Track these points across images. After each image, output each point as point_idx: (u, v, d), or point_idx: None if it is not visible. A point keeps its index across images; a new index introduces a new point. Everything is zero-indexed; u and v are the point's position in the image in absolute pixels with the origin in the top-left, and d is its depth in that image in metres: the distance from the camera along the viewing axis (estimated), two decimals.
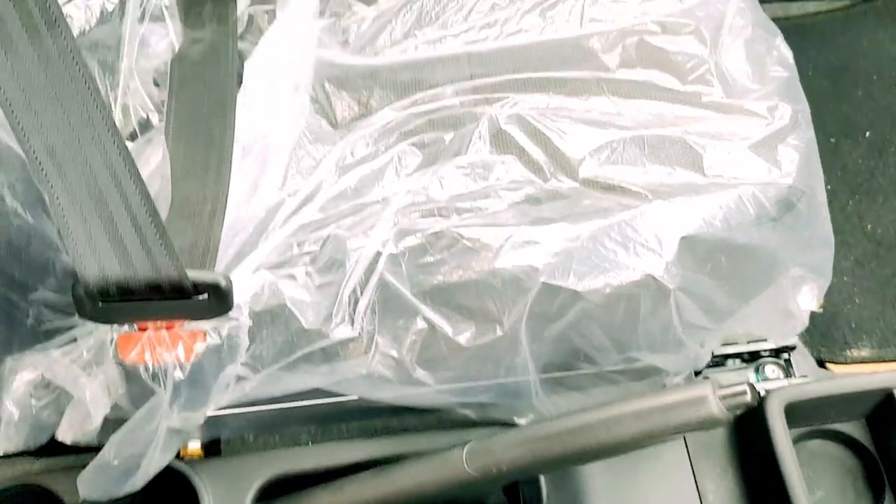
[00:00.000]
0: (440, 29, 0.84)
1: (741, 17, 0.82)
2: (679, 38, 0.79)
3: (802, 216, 0.73)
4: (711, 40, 0.79)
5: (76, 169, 0.53)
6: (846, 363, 1.06)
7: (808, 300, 0.77)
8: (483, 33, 0.84)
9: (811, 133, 0.77)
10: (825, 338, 1.08)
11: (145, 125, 0.77)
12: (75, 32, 0.69)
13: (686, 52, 0.79)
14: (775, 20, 0.89)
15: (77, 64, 0.52)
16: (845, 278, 1.14)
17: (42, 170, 0.52)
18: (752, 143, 0.73)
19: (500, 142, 0.74)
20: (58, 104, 0.51)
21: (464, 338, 0.67)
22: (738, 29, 0.82)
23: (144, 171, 0.71)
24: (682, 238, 0.67)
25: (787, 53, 0.83)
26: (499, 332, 0.67)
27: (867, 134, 1.29)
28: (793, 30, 1.49)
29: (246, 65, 0.79)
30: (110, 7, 0.73)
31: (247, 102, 0.77)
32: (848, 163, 1.26)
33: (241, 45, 0.85)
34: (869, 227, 1.19)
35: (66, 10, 0.70)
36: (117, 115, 0.75)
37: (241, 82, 0.79)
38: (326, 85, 0.80)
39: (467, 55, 0.82)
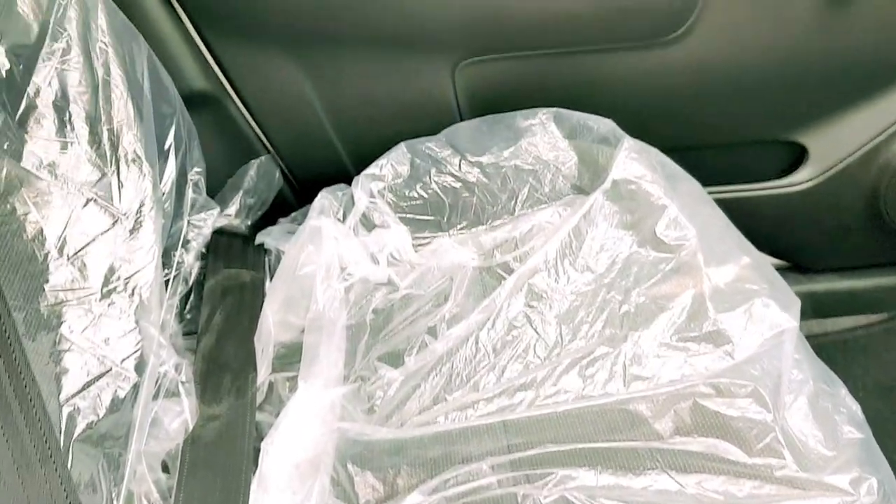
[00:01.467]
0: (472, 392, 0.79)
1: (799, 370, 0.76)
2: (737, 402, 0.72)
3: None
4: (773, 402, 0.72)
5: None
6: None
7: None
8: (518, 396, 0.77)
9: None
10: None
11: None
12: (82, 426, 0.64)
13: (747, 416, 0.71)
14: (811, 338, 0.83)
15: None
16: None
17: None
18: None
19: None
20: None
21: None
22: (799, 384, 0.75)
23: None
24: None
25: (856, 408, 0.76)
26: None
27: None
28: (833, 347, 1.44)
29: (263, 444, 0.73)
30: (122, 393, 0.68)
31: (262, 489, 0.70)
32: None
33: (259, 415, 0.79)
34: None
35: (74, 402, 0.64)
36: None
37: (257, 460, 0.73)
38: (349, 465, 0.72)
39: (503, 424, 0.75)
